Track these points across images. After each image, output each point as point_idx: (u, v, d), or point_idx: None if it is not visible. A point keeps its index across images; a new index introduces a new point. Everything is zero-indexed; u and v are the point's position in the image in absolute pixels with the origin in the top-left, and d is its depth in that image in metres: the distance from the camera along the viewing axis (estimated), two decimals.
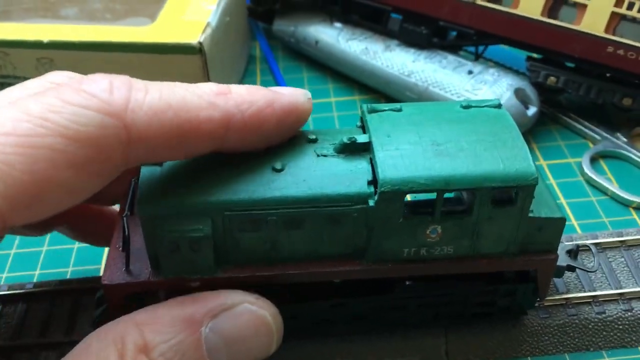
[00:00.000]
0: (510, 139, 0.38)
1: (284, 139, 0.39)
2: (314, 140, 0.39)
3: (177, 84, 0.36)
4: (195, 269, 0.38)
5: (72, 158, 0.31)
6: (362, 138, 0.38)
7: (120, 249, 0.39)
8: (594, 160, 0.67)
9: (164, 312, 0.36)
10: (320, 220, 0.37)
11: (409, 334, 0.48)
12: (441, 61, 0.72)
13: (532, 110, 0.67)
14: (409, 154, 0.37)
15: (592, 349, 0.49)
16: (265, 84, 0.81)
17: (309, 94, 0.40)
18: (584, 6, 0.63)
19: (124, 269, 0.38)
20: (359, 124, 0.42)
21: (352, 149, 0.38)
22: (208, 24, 0.65)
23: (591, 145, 0.69)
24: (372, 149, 0.38)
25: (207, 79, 0.65)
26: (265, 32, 0.89)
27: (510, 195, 0.38)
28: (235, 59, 0.77)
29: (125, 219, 0.38)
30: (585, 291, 0.50)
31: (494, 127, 0.39)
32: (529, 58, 0.71)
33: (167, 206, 0.35)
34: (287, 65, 0.85)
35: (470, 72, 0.69)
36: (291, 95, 0.39)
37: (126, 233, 0.37)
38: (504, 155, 0.37)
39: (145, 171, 0.36)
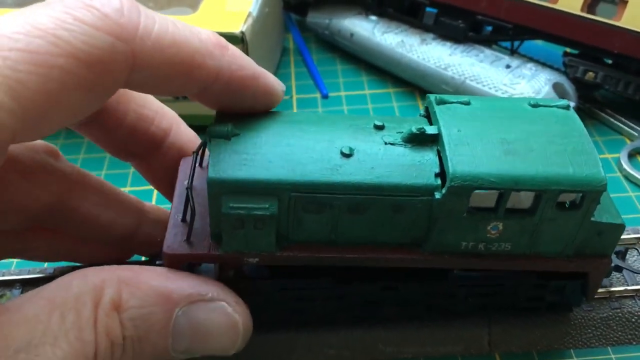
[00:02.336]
0: (580, 142, 0.38)
1: (246, 111, 0.39)
2: (381, 127, 0.39)
3: (180, 22, 0.36)
4: (255, 246, 0.38)
5: (82, 80, 0.31)
6: (430, 129, 0.38)
7: (180, 219, 0.39)
8: (631, 156, 0.67)
9: (147, 278, 0.36)
10: (383, 208, 0.37)
11: (452, 324, 0.49)
12: (478, 55, 0.72)
13: (570, 105, 0.67)
14: (478, 150, 0.37)
15: (634, 343, 0.49)
16: (299, 75, 0.81)
17: (284, 87, 0.41)
18: (625, 2, 0.63)
19: (184, 239, 0.38)
20: (422, 112, 0.42)
21: (420, 140, 0.38)
22: (249, 14, 0.65)
23: (628, 141, 0.69)
24: (442, 141, 0.37)
25: None
26: (298, 24, 0.90)
27: (574, 198, 0.38)
28: (271, 49, 0.77)
29: (190, 191, 0.38)
30: (628, 285, 0.50)
31: (563, 129, 0.39)
32: (566, 53, 0.71)
33: (236, 183, 0.35)
34: (320, 58, 0.85)
35: (508, 67, 0.69)
36: (275, 80, 0.40)
37: (192, 204, 0.37)
38: (573, 159, 0.37)
39: (214, 146, 0.36)
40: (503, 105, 0.41)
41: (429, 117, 0.41)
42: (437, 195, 0.37)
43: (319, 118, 0.40)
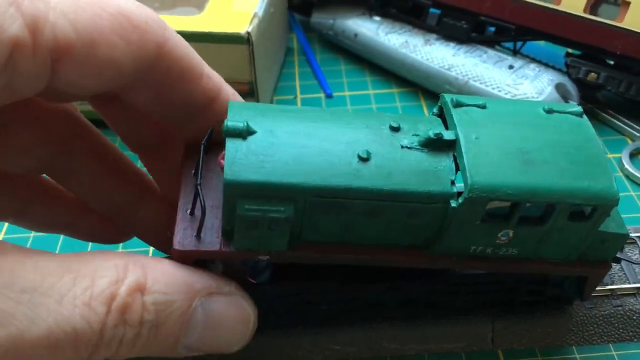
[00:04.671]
0: (594, 154, 0.38)
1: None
2: (397, 129, 0.39)
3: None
4: (267, 245, 0.37)
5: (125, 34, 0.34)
6: (448, 135, 0.38)
7: (189, 212, 0.39)
8: (633, 156, 0.67)
9: (171, 268, 0.36)
10: (398, 213, 0.37)
11: (455, 321, 0.49)
12: (481, 55, 0.73)
13: None
14: (496, 160, 0.37)
15: (635, 340, 0.50)
16: (303, 75, 0.82)
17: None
18: (627, 3, 0.64)
19: (194, 234, 0.38)
20: (435, 111, 0.42)
21: (437, 145, 0.38)
22: (255, 15, 0.66)
23: (630, 141, 0.70)
24: (460, 149, 0.37)
25: (253, 68, 0.66)
26: (302, 24, 0.90)
27: (586, 210, 0.38)
28: (276, 50, 0.78)
29: (200, 188, 0.37)
30: (630, 283, 0.51)
31: (577, 138, 0.39)
32: (569, 54, 0.72)
33: (253, 186, 0.35)
34: (324, 58, 0.86)
35: (511, 67, 0.70)
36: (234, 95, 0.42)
37: (203, 204, 0.37)
38: (588, 172, 0.37)
39: (230, 145, 0.36)
40: (518, 110, 0.40)
41: (442, 117, 0.40)
42: (453, 204, 0.37)
43: (334, 116, 0.40)
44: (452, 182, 0.37)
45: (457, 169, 0.37)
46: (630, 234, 0.53)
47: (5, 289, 0.30)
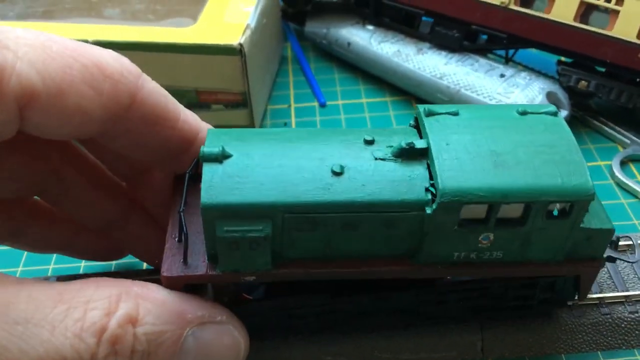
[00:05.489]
0: (568, 151, 0.39)
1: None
2: (371, 142, 0.39)
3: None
4: (252, 265, 0.38)
5: (95, 82, 0.35)
6: (420, 143, 0.39)
7: (177, 239, 0.40)
8: (623, 163, 0.68)
9: (162, 297, 0.37)
10: (376, 224, 0.38)
11: (445, 330, 0.50)
12: (473, 64, 0.73)
13: (563, 114, 0.68)
14: (467, 164, 0.37)
15: (624, 347, 0.50)
16: (297, 84, 0.83)
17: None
18: (617, 12, 0.64)
19: (181, 260, 0.39)
20: (412, 123, 0.42)
21: (410, 154, 0.38)
22: (247, 26, 0.66)
23: (621, 149, 0.70)
24: (431, 156, 0.38)
25: (245, 79, 0.66)
26: (296, 33, 0.91)
27: (564, 207, 0.39)
28: (270, 59, 0.78)
29: (182, 214, 0.39)
30: (618, 291, 0.51)
31: (551, 137, 0.39)
32: (560, 62, 0.72)
33: (229, 208, 0.36)
34: (318, 66, 0.86)
35: (502, 76, 0.71)
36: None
37: (184, 230, 0.38)
38: (561, 169, 0.38)
39: (206, 170, 0.37)
40: (491, 114, 0.41)
41: (418, 127, 0.41)
42: (428, 210, 0.37)
43: (310, 134, 0.40)
44: (426, 189, 0.38)
45: (431, 177, 0.38)
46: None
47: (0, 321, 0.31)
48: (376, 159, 0.38)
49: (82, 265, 0.58)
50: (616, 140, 0.71)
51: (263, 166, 0.37)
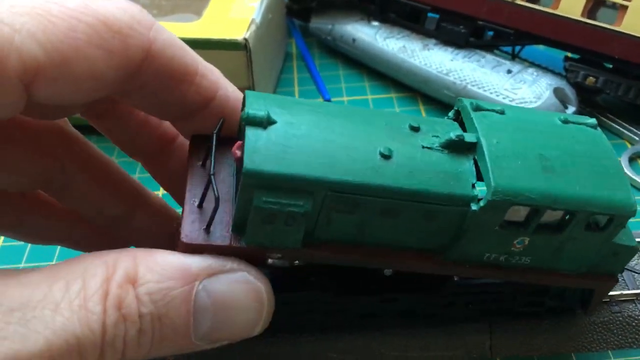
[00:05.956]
0: (612, 166, 0.38)
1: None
2: (417, 129, 0.38)
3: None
4: (281, 242, 0.36)
5: (104, 42, 0.32)
6: (469, 137, 0.37)
7: (197, 205, 0.37)
8: (632, 160, 0.67)
9: (164, 256, 0.34)
10: (416, 214, 0.37)
11: (453, 329, 0.49)
12: (479, 60, 0.73)
13: (571, 110, 0.68)
14: (517, 164, 0.36)
15: (635, 346, 0.50)
16: (302, 80, 0.82)
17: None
18: (625, 7, 0.64)
19: (203, 227, 0.36)
20: (451, 115, 0.41)
21: (458, 147, 0.37)
22: (252, 21, 0.66)
23: (629, 145, 0.70)
24: (482, 152, 0.37)
25: (250, 74, 0.66)
26: (300, 29, 0.90)
27: (599, 220, 0.38)
28: (274, 55, 0.78)
29: (213, 177, 0.35)
30: (629, 289, 0.50)
31: (594, 149, 0.39)
32: (567, 58, 0.72)
33: (274, 177, 0.33)
34: (323, 63, 0.86)
35: (509, 72, 0.70)
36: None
37: (217, 194, 0.35)
38: (606, 182, 0.37)
39: (250, 134, 0.34)
40: (535, 119, 0.40)
41: (459, 121, 0.40)
42: (474, 207, 0.36)
43: (353, 112, 0.39)
44: (473, 185, 0.36)
45: (477, 173, 0.37)
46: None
47: None
48: (423, 147, 0.37)
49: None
50: (624, 137, 0.71)
51: (309, 138, 0.35)
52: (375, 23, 0.81)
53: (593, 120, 0.41)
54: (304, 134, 0.35)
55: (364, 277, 0.44)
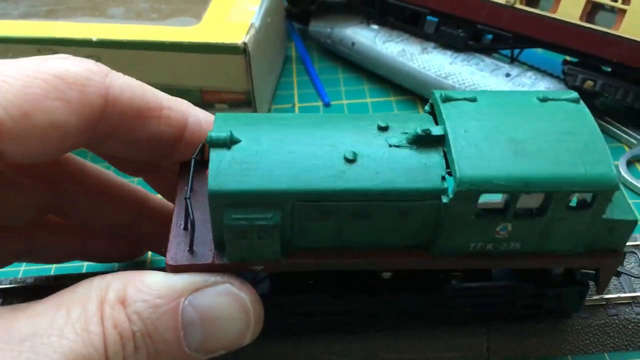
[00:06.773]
0: (591, 140, 0.37)
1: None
2: (385, 128, 0.38)
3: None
4: (260, 255, 0.37)
5: (61, 93, 0.34)
6: (436, 130, 0.37)
7: (182, 227, 0.39)
8: (630, 163, 0.67)
9: (152, 277, 0.36)
10: (389, 213, 0.37)
11: (451, 331, 0.49)
12: (478, 64, 0.73)
13: None
14: (486, 151, 0.36)
15: (631, 349, 0.50)
16: (301, 84, 0.82)
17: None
18: (623, 11, 0.64)
19: (187, 249, 0.38)
20: (427, 109, 0.41)
21: (426, 141, 0.37)
22: (252, 25, 0.66)
23: (627, 148, 0.70)
24: (448, 143, 0.36)
25: (249, 78, 0.66)
26: (300, 32, 0.91)
27: (585, 198, 0.37)
28: (274, 59, 0.78)
29: (189, 201, 0.37)
30: (625, 292, 0.51)
31: (573, 124, 0.38)
32: (565, 62, 0.72)
33: (238, 195, 0.35)
34: (322, 66, 0.86)
35: (507, 75, 0.70)
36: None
37: (191, 217, 0.37)
38: (584, 158, 0.36)
39: (214, 155, 0.36)
40: (511, 101, 0.39)
41: (434, 114, 0.40)
42: (445, 200, 0.36)
43: (321, 120, 0.39)
44: (443, 178, 0.36)
45: (448, 165, 0.36)
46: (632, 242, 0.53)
47: (4, 344, 0.31)
48: (390, 145, 0.37)
49: (85, 265, 0.58)
50: (622, 140, 0.71)
51: (273, 152, 0.36)
52: (375, 26, 0.81)
53: (574, 95, 0.40)
54: (268, 149, 0.36)
55: (362, 279, 0.45)
